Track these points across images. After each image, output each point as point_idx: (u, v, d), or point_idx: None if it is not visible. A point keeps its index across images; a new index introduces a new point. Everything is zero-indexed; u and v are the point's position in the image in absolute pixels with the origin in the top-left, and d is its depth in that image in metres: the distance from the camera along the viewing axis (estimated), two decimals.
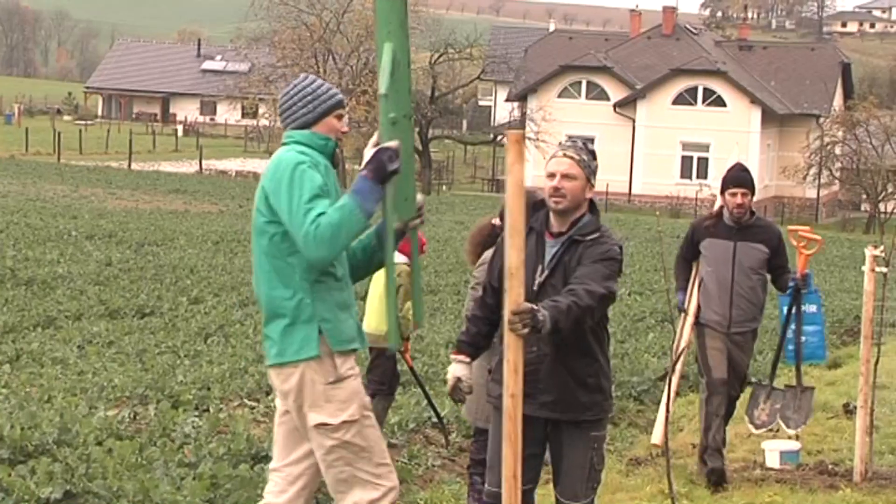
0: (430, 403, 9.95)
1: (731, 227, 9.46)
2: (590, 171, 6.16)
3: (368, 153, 5.58)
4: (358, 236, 5.66)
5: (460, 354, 6.23)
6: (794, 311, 9.86)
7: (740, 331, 9.50)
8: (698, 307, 9.58)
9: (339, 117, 5.88)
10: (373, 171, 5.54)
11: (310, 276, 5.64)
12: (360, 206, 5.50)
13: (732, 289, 9.41)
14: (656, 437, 9.65)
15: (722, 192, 9.59)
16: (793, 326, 9.88)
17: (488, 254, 7.37)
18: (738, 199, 9.40)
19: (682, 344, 9.60)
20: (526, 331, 5.44)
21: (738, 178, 9.56)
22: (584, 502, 6.22)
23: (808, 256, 9.84)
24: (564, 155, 6.14)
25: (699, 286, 9.58)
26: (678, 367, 9.78)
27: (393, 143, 5.53)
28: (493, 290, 6.15)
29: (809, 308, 9.84)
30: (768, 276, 9.64)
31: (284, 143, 5.85)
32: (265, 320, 5.79)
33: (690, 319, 9.61)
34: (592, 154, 6.21)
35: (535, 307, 5.53)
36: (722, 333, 9.47)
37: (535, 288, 6.04)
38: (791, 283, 9.65)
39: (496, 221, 7.73)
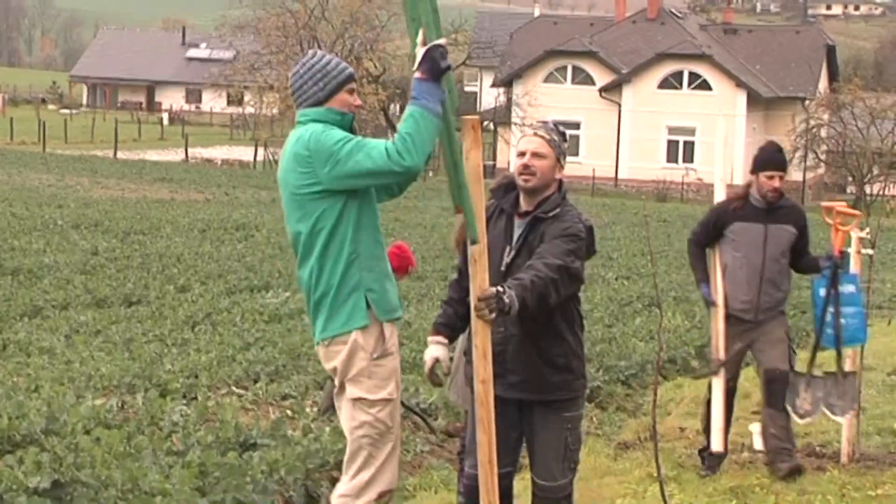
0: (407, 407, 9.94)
1: (760, 209, 9.01)
2: (559, 152, 6.22)
3: (420, 52, 5.54)
4: (435, 137, 5.61)
5: (437, 336, 6.24)
6: (831, 293, 9.23)
7: (765, 317, 9.12)
8: (725, 297, 9.12)
9: (351, 91, 5.91)
10: (428, 71, 5.53)
11: (356, 246, 5.73)
12: (426, 108, 5.53)
13: (762, 274, 9.04)
14: (716, 444, 9.24)
15: (754, 173, 9.09)
16: (831, 309, 9.24)
17: None
18: (776, 183, 8.94)
19: (721, 342, 9.20)
20: (493, 315, 5.51)
21: (775, 159, 9.07)
22: (561, 482, 6.22)
23: (845, 233, 9.31)
24: (535, 134, 6.22)
25: (723, 273, 9.12)
26: (721, 371, 9.33)
27: (441, 41, 5.53)
28: (467, 274, 6.16)
29: (847, 289, 9.22)
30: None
31: (300, 122, 5.88)
32: (312, 300, 5.84)
33: (723, 311, 9.16)
34: (563, 136, 6.27)
35: (499, 289, 5.57)
36: (749, 321, 9.09)
37: (502, 269, 6.08)
38: (827, 264, 9.14)
39: None
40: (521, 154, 6.22)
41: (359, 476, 5.80)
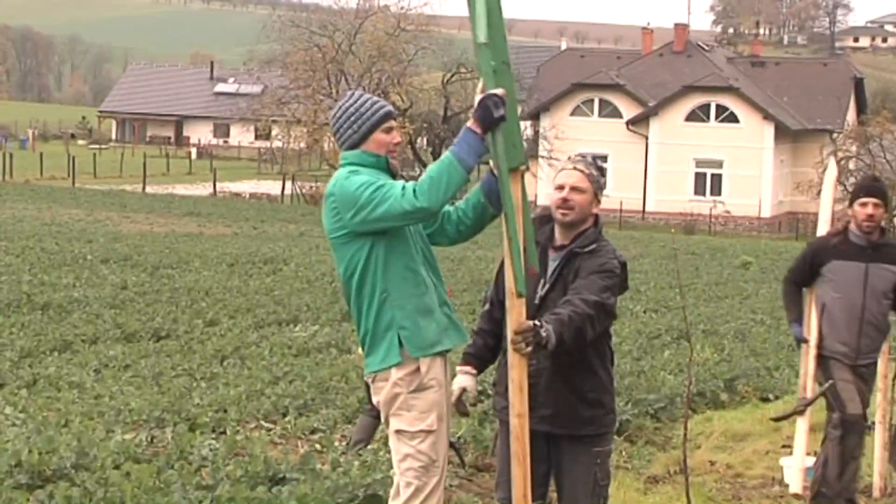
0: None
1: (861, 246, 8.67)
2: (598, 186, 6.22)
3: (476, 100, 5.60)
4: (458, 189, 5.69)
5: (466, 366, 6.25)
6: None
7: (866, 362, 8.77)
8: (819, 336, 8.78)
9: (389, 130, 5.97)
10: (479, 120, 5.58)
11: (386, 285, 5.85)
12: (458, 159, 5.62)
13: (863, 316, 8.61)
14: (795, 486, 9.14)
15: (851, 204, 8.79)
16: None
17: None
18: (870, 210, 8.60)
19: (809, 382, 8.91)
20: (529, 349, 5.53)
21: (871, 187, 8.77)
22: None
23: None
24: (574, 168, 6.20)
25: (820, 314, 8.77)
26: (807, 409, 9.11)
27: (499, 91, 5.54)
28: (500, 304, 6.14)
29: None
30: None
31: (341, 165, 6.01)
32: (359, 337, 6.07)
33: (814, 351, 8.83)
34: (601, 170, 6.29)
35: (537, 323, 5.59)
36: (849, 366, 8.70)
37: (536, 302, 6.07)
38: None
39: None
40: (560, 188, 6.19)
41: None
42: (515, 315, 5.55)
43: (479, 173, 6.13)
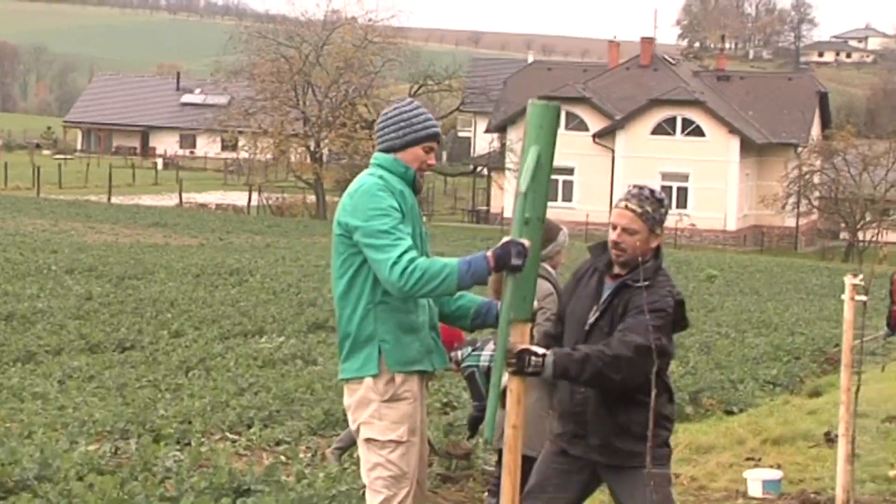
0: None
1: None
2: (653, 223, 6.02)
3: (503, 239, 5.66)
4: (439, 296, 5.86)
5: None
6: None
7: None
8: None
9: (429, 150, 6.03)
10: (495, 258, 5.61)
11: (374, 297, 5.86)
12: (459, 276, 5.67)
13: None
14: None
15: None
16: None
17: (545, 286, 7.57)
18: None
19: None
20: (512, 370, 5.56)
21: None
22: None
23: None
24: (626, 207, 6.03)
25: None
26: None
27: (526, 242, 5.57)
28: (559, 320, 6.28)
29: None
30: None
31: (371, 164, 6.06)
32: (338, 337, 6.05)
33: None
34: (659, 202, 6.07)
35: (531, 349, 5.61)
36: None
37: (586, 328, 6.05)
38: None
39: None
40: (613, 227, 6.07)
41: None
42: (516, 335, 5.64)
43: None
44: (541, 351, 5.66)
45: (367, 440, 5.92)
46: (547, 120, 5.69)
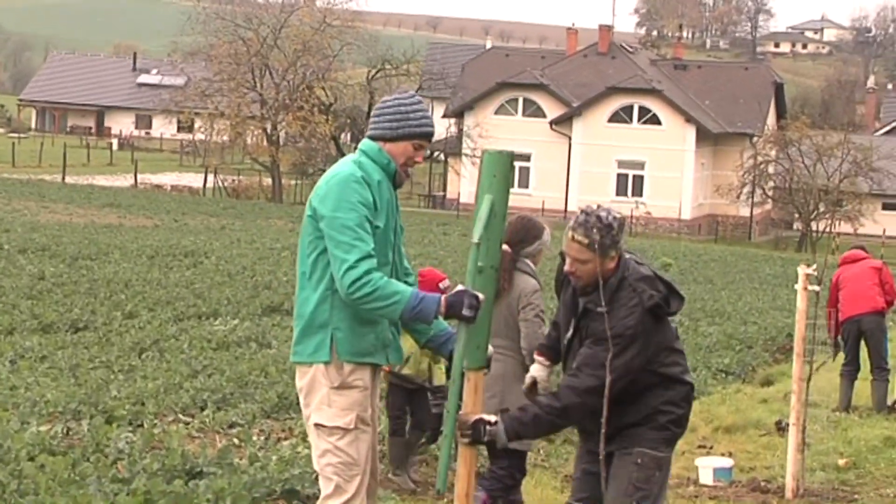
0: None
1: None
2: (605, 248, 5.95)
3: (457, 288, 5.69)
4: (378, 317, 5.83)
5: (540, 356, 6.35)
6: None
7: None
8: None
9: (419, 147, 5.98)
10: (448, 305, 5.65)
11: (333, 284, 5.82)
12: (406, 307, 5.69)
13: None
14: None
15: None
16: None
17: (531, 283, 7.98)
18: None
19: None
20: (468, 441, 5.67)
21: None
22: None
23: None
24: (573, 238, 5.99)
25: None
26: None
27: (479, 294, 5.60)
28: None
29: None
30: None
31: (357, 150, 6.03)
32: (294, 317, 6.03)
33: None
34: (608, 227, 5.98)
35: (484, 419, 5.68)
36: None
37: (565, 342, 6.20)
38: None
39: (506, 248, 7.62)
40: (565, 256, 6.09)
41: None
42: (469, 403, 5.70)
43: None
44: (493, 419, 5.73)
45: (317, 425, 5.91)
46: (500, 168, 5.66)
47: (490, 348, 5.83)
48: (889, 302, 14.55)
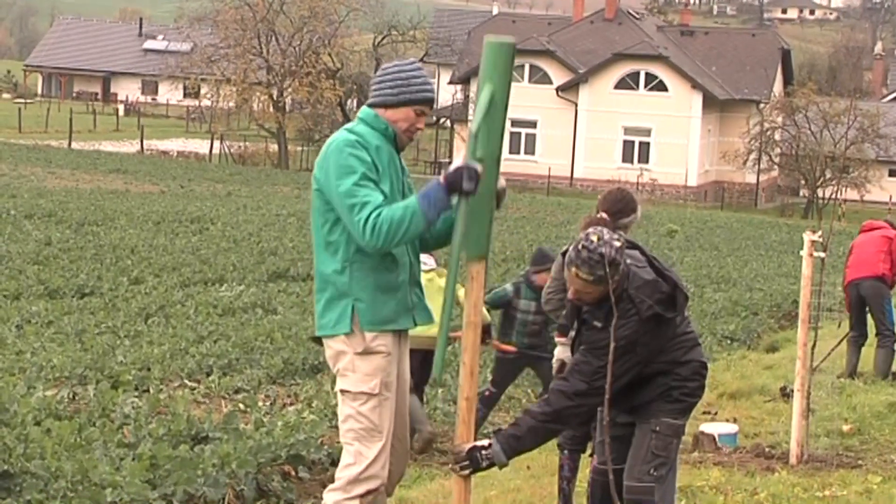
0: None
1: None
2: (607, 278, 5.98)
3: (455, 163, 5.63)
4: (414, 237, 5.76)
5: (562, 337, 6.39)
6: None
7: None
8: None
9: (420, 113, 5.95)
10: (447, 179, 5.61)
11: (348, 253, 5.82)
12: (423, 212, 5.64)
13: None
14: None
15: None
16: None
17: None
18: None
19: None
20: (467, 472, 5.68)
21: None
22: (636, 484, 6.25)
23: None
24: (577, 276, 6.03)
25: None
26: None
27: (477, 165, 5.54)
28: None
29: None
30: None
31: (358, 118, 6.01)
32: (314, 289, 6.01)
33: None
34: (612, 262, 5.98)
35: (477, 445, 5.70)
36: None
37: (573, 335, 6.34)
38: None
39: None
40: (567, 286, 6.17)
41: (347, 470, 5.88)
42: (462, 432, 5.69)
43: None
44: (486, 442, 5.77)
45: (342, 391, 5.92)
46: (501, 58, 5.54)
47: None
48: (893, 272, 14.45)
